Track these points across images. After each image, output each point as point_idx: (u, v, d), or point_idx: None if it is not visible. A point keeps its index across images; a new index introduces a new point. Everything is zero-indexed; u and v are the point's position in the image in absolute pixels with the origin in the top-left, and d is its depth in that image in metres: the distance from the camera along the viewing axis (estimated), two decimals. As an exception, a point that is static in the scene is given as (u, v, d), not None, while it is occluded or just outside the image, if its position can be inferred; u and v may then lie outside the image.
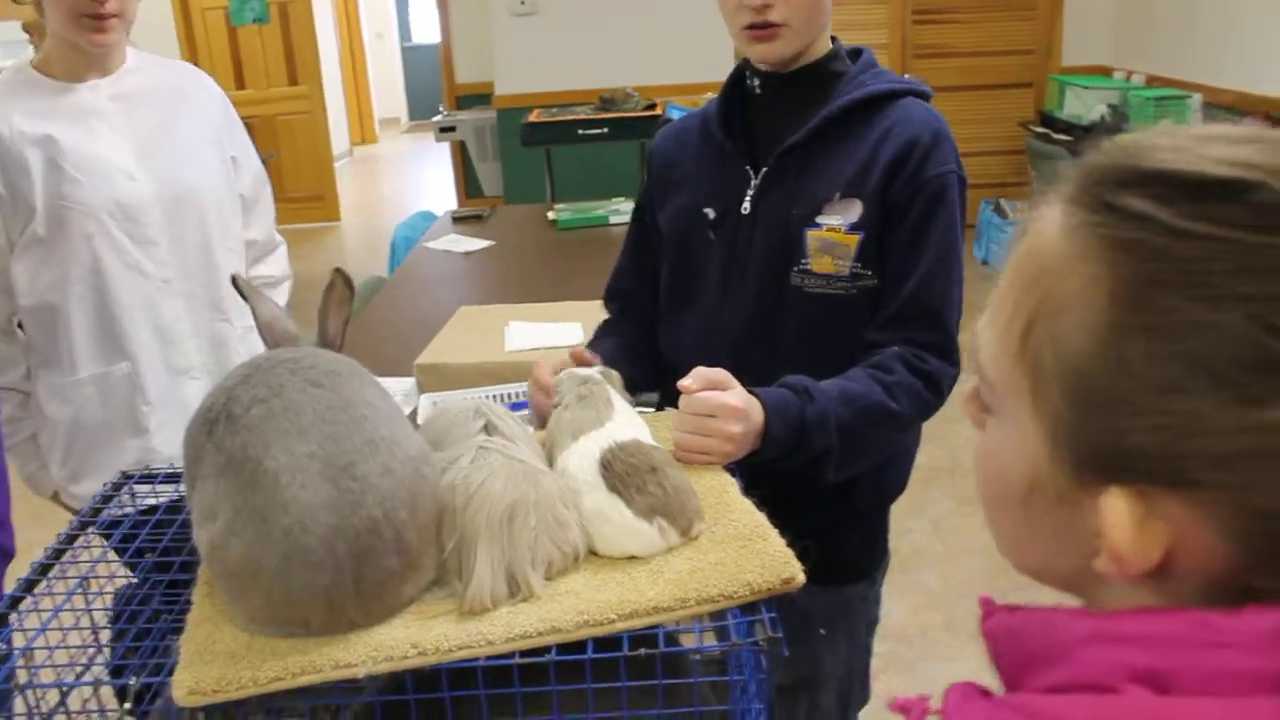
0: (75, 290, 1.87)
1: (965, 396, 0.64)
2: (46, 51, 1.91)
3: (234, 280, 1.23)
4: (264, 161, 2.24)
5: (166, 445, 1.93)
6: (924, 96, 1.51)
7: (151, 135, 1.93)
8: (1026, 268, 0.57)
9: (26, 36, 4.26)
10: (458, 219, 4.21)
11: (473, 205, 5.53)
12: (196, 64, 2.14)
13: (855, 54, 1.54)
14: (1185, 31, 5.92)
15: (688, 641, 1.04)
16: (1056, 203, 0.57)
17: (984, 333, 0.60)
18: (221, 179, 2.04)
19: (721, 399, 1.27)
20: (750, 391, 1.31)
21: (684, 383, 1.29)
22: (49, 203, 1.82)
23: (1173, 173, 0.52)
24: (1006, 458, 0.60)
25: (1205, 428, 0.50)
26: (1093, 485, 0.54)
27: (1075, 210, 0.55)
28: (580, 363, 1.41)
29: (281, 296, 2.23)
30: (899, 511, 1.71)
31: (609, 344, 1.62)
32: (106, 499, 1.36)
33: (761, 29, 1.44)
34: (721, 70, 1.71)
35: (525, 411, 1.56)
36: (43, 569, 1.20)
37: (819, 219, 1.46)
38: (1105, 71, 6.71)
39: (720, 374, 1.30)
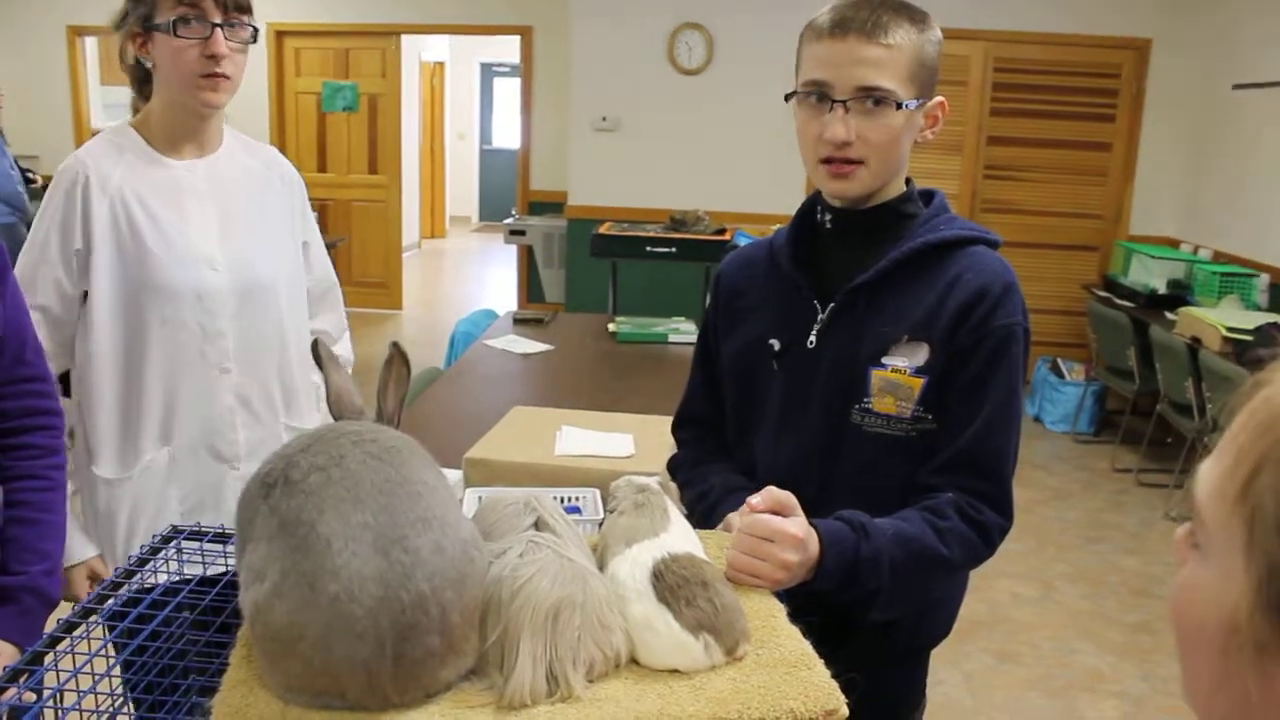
0: (131, 365, 1.82)
1: (1176, 537, 0.63)
2: (146, 114, 1.88)
3: (314, 346, 1.25)
4: (333, 246, 2.21)
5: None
6: (994, 245, 1.51)
7: (236, 223, 1.90)
8: (1260, 414, 0.57)
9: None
10: (519, 320, 4.27)
11: (533, 309, 5.60)
12: (284, 144, 2.12)
13: (927, 196, 1.55)
14: (1256, 212, 5.94)
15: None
16: None
17: (1206, 472, 0.60)
18: (295, 268, 2.02)
19: (781, 525, 1.25)
20: (809, 522, 1.30)
21: (753, 500, 1.28)
22: (125, 275, 1.78)
23: None
24: (1207, 601, 0.58)
25: None
26: None
27: None
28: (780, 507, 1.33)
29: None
30: (933, 661, 1.67)
31: (727, 469, 1.61)
32: (155, 550, 1.36)
33: (839, 165, 1.44)
34: (791, 203, 1.73)
35: (576, 515, 1.56)
36: (84, 612, 1.20)
37: (885, 359, 1.45)
38: (1172, 243, 6.73)
39: (788, 498, 1.29)
